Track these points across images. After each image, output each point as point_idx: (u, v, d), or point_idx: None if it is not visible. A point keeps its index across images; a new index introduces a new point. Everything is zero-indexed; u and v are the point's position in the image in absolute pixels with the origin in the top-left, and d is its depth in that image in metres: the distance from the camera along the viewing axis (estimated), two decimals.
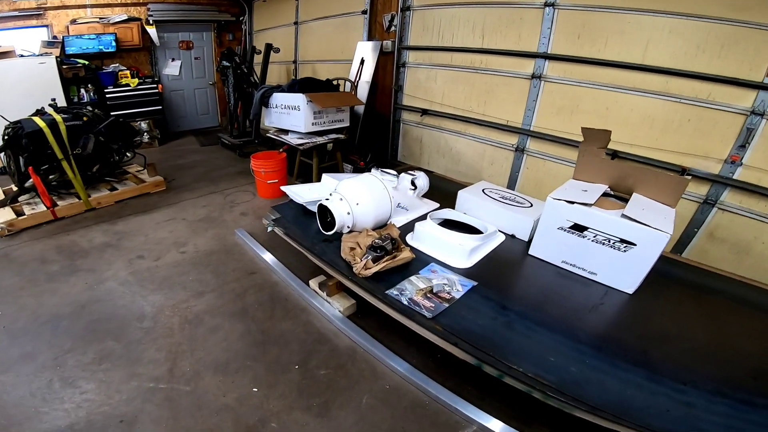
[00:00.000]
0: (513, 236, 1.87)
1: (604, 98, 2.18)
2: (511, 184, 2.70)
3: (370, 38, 3.41)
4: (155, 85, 4.57)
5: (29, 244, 2.46)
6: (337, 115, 2.90)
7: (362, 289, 1.53)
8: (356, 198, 1.74)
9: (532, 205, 1.93)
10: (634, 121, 2.08)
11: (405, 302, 1.42)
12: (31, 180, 2.65)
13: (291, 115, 2.79)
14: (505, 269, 1.65)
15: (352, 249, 1.65)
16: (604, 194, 1.65)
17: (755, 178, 1.77)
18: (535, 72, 2.41)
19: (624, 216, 1.39)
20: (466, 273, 1.59)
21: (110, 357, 1.56)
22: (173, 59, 4.97)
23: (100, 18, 4.26)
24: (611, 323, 1.37)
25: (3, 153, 2.67)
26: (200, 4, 4.94)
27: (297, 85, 2.79)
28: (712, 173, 1.88)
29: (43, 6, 3.85)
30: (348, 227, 1.73)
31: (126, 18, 4.38)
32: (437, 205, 2.17)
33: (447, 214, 1.96)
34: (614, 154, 2.14)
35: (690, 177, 1.45)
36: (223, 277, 2.08)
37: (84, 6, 4.16)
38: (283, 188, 2.09)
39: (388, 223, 1.89)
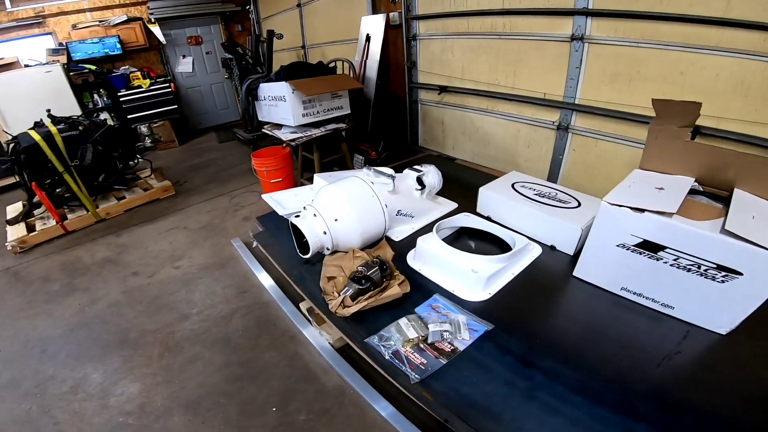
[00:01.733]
0: (553, 247, 1.45)
1: (675, 61, 1.63)
2: (554, 171, 2.21)
3: (374, 11, 2.98)
4: (168, 84, 4.42)
5: (38, 261, 2.50)
6: (334, 102, 2.52)
7: (340, 330, 1.22)
8: (335, 212, 1.38)
9: (579, 204, 1.48)
10: (721, 89, 1.54)
11: (387, 357, 1.07)
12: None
13: (279, 107, 2.45)
14: (538, 300, 1.23)
15: (331, 278, 1.31)
16: (691, 191, 1.18)
17: None
18: (575, 33, 1.88)
19: (726, 232, 0.94)
20: (481, 309, 1.20)
21: (87, 386, 1.50)
22: (184, 56, 4.79)
23: (100, 21, 4.13)
24: (694, 384, 0.95)
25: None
26: None
27: (282, 72, 2.42)
28: None
29: (41, 14, 3.77)
30: (328, 249, 1.40)
31: (126, 19, 4.23)
32: (455, 205, 1.76)
33: (463, 220, 1.55)
34: (696, 131, 1.62)
35: None
36: (211, 297, 1.92)
37: (83, 10, 4.04)
38: (265, 196, 1.79)
39: (383, 239, 1.53)
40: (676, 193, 1.10)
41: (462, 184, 1.76)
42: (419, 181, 1.67)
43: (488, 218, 1.63)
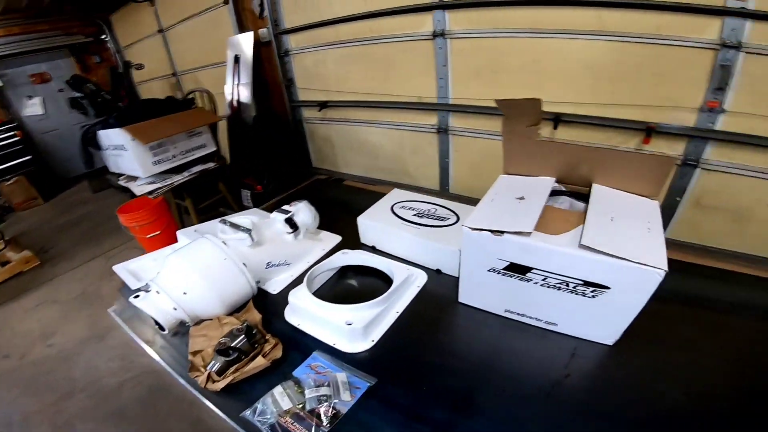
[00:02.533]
0: (438, 271, 1.32)
1: (529, 48, 1.62)
2: (444, 175, 2.15)
3: (241, 30, 2.71)
4: (12, 132, 3.71)
5: None
6: (192, 141, 2.21)
7: (215, 405, 0.98)
8: (181, 285, 1.13)
9: (458, 219, 1.37)
10: (573, 73, 1.54)
11: (265, 431, 0.86)
12: None
13: (124, 157, 2.08)
14: (424, 338, 1.09)
15: (198, 352, 1.06)
16: (554, 193, 1.12)
17: (746, 126, 1.28)
18: (436, 29, 1.81)
19: (584, 247, 0.86)
20: (365, 360, 1.03)
21: None
22: (30, 97, 4.06)
23: None
24: (584, 412, 0.86)
25: None
26: (39, 31, 3.99)
27: (118, 116, 2.06)
28: (686, 126, 1.37)
29: None
30: (188, 322, 1.13)
31: None
32: (338, 239, 1.57)
33: (340, 259, 1.37)
34: (557, 120, 1.61)
35: (675, 155, 0.93)
36: (94, 371, 1.82)
37: None
38: (116, 268, 1.45)
39: (250, 301, 1.29)
40: (536, 202, 1.02)
41: (349, 209, 1.58)
42: (290, 223, 1.45)
43: (373, 248, 1.48)
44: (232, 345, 1.01)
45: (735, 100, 1.26)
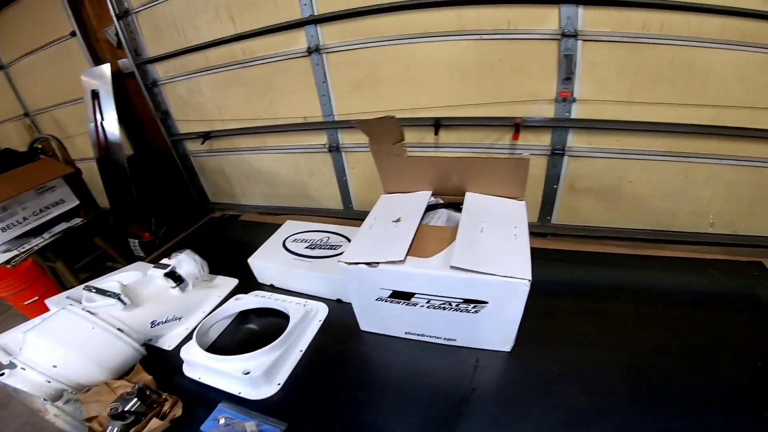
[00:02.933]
0: (339, 300, 1.25)
1: (401, 56, 1.61)
2: (345, 194, 2.08)
3: (97, 62, 2.40)
4: None
5: None
6: (45, 198, 1.89)
7: None
8: (49, 359, 0.95)
9: (350, 242, 1.30)
10: (442, 76, 1.56)
11: None
12: None
13: None
14: (333, 373, 1.01)
15: (93, 418, 0.92)
16: (432, 207, 1.09)
17: (595, 112, 1.38)
18: (310, 44, 1.74)
19: (454, 268, 0.82)
20: (273, 405, 0.93)
21: None
22: None
23: None
24: (495, 420, 0.83)
25: None
26: None
27: None
28: (547, 118, 1.45)
29: None
30: (70, 391, 0.97)
31: None
32: (235, 282, 1.44)
33: (233, 306, 1.24)
34: (437, 125, 1.62)
35: (528, 155, 0.95)
36: None
37: None
38: None
39: (137, 364, 1.12)
40: (411, 223, 0.97)
41: (247, 247, 1.44)
42: (172, 277, 1.28)
43: (272, 286, 1.37)
44: (126, 409, 0.92)
45: (583, 88, 1.35)
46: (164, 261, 1.30)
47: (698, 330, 0.95)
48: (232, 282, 1.44)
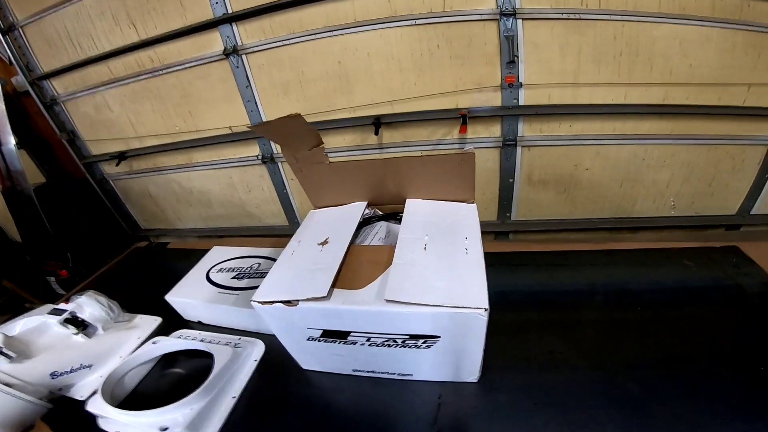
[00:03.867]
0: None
1: (329, 50, 1.44)
2: (287, 207, 1.88)
3: None
4: None
5: None
6: None
7: None
8: None
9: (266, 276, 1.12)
10: (378, 69, 1.40)
11: None
12: None
13: None
14: (272, 421, 0.82)
15: None
16: (367, 221, 0.92)
17: (543, 97, 1.27)
18: (227, 46, 1.53)
19: (391, 301, 0.65)
20: None
21: None
22: None
23: None
24: None
25: None
26: None
27: None
28: (495, 106, 1.32)
29: None
30: None
31: None
32: (158, 321, 1.22)
33: (153, 348, 1.02)
34: (377, 123, 1.46)
35: (473, 149, 0.81)
36: None
37: None
38: None
39: (37, 419, 0.92)
40: (339, 245, 0.79)
41: (174, 279, 1.20)
42: (74, 323, 1.05)
43: (199, 323, 1.15)
44: None
45: (528, 72, 1.24)
46: (61, 305, 1.10)
47: (681, 334, 0.83)
48: (155, 321, 1.22)
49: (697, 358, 0.78)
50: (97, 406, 0.88)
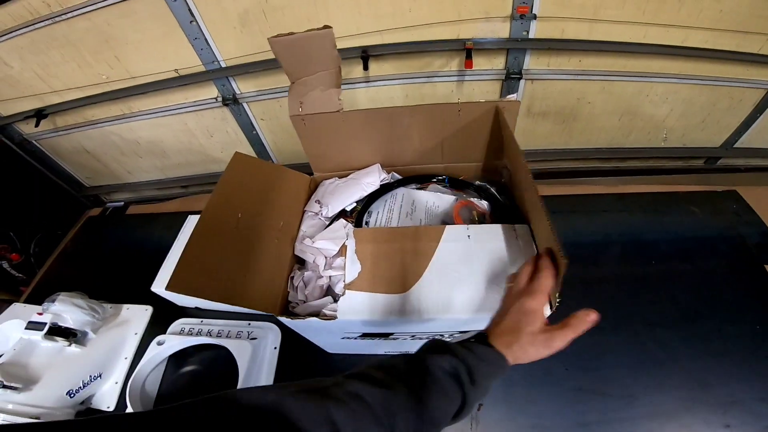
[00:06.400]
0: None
1: None
2: (260, 149, 1.70)
3: None
4: None
5: None
6: None
7: None
8: None
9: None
10: None
11: None
12: None
13: None
14: None
15: None
16: (386, 188, 0.84)
17: (556, 31, 1.14)
18: None
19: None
20: None
21: None
22: None
23: None
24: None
25: None
26: None
27: None
28: (502, 38, 1.17)
29: None
30: None
31: None
32: (149, 310, 1.14)
33: (160, 350, 0.99)
34: (365, 57, 1.25)
35: (517, 98, 0.72)
36: None
37: None
38: None
39: None
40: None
41: (150, 254, 1.04)
42: (58, 333, 1.00)
43: (197, 308, 1.09)
44: None
45: (543, 3, 1.07)
46: (35, 318, 0.99)
47: (693, 290, 0.90)
48: (146, 311, 1.14)
49: (707, 316, 0.85)
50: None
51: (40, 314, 0.96)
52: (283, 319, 0.69)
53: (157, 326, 1.03)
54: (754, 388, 0.76)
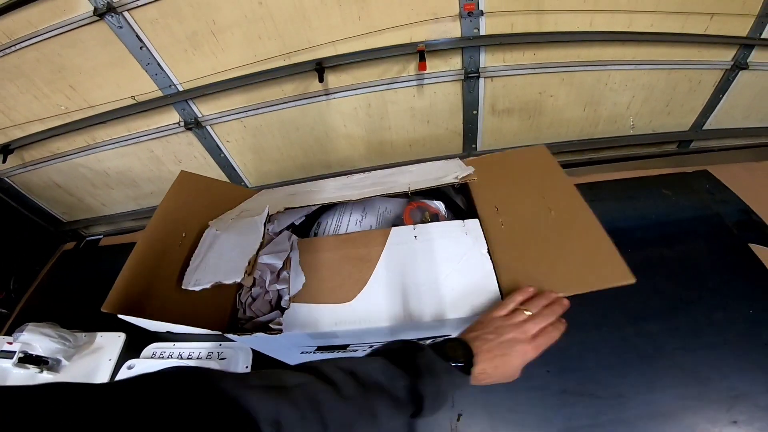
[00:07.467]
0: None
1: None
2: (232, 173, 1.69)
3: None
4: None
5: None
6: None
7: None
8: None
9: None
10: (312, 5, 1.14)
11: None
12: None
13: None
14: None
15: None
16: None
17: (506, 26, 1.13)
18: (98, 5, 1.13)
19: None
20: None
21: None
22: None
23: None
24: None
25: None
26: None
27: None
28: (454, 38, 1.16)
29: None
30: None
31: None
32: (121, 337, 1.15)
33: (131, 373, 0.92)
34: (320, 69, 1.24)
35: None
36: None
37: None
38: None
39: None
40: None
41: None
42: (30, 361, 1.03)
43: (169, 332, 1.05)
44: None
45: None
46: (5, 347, 1.06)
47: (676, 277, 0.85)
48: (119, 338, 1.16)
49: (693, 304, 0.80)
50: None
51: (10, 343, 1.01)
52: (230, 335, 0.65)
53: (131, 352, 1.04)
54: (757, 379, 0.69)
